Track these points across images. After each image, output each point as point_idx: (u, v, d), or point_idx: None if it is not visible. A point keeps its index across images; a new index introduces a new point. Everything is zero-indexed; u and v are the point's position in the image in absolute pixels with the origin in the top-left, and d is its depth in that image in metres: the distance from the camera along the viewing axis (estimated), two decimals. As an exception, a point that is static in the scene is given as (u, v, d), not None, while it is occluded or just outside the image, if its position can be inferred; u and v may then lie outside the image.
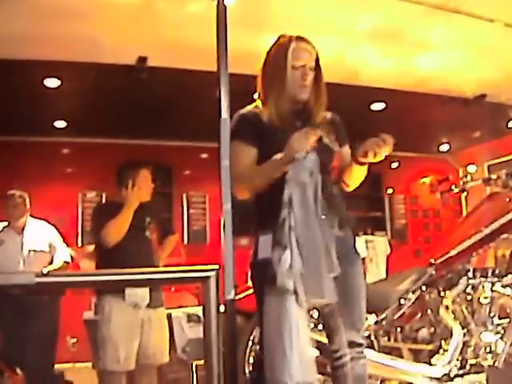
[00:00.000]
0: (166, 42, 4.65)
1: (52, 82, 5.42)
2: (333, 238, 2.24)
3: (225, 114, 1.94)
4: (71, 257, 4.96)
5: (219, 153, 2.03)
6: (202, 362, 4.38)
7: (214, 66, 2.45)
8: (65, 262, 4.85)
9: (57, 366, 4.90)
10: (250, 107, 2.58)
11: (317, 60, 2.54)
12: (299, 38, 2.52)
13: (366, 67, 5.42)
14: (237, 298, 2.51)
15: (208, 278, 1.70)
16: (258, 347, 3.40)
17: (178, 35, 4.52)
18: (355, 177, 2.58)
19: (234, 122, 2.50)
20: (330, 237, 2.22)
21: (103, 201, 7.07)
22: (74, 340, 6.01)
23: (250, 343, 3.45)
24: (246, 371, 3.45)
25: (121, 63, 5.00)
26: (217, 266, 1.73)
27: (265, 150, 2.43)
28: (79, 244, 7.02)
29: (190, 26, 4.30)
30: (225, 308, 1.97)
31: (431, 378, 3.24)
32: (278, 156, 2.25)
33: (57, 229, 5.01)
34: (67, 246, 5.04)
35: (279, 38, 2.56)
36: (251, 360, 3.44)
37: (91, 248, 4.14)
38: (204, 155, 7.97)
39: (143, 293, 3.60)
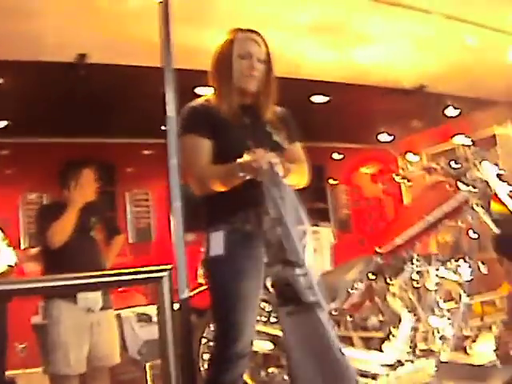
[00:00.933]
0: (105, 38, 4.56)
1: (-8, 81, 5.27)
2: None
3: (171, 112, 1.92)
4: (15, 260, 4.83)
5: (167, 151, 2.01)
6: (154, 361, 4.37)
7: (154, 61, 2.44)
8: (9, 265, 4.73)
9: (7, 373, 4.80)
10: (200, 100, 2.56)
11: (268, 54, 2.53)
12: (249, 30, 2.53)
13: (307, 60, 5.46)
14: (189, 295, 2.51)
15: (161, 278, 1.69)
16: (211, 344, 3.40)
17: (117, 31, 4.45)
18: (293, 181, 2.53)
19: (184, 115, 2.47)
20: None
21: (46, 202, 6.92)
22: (23, 345, 5.89)
23: (204, 340, 3.45)
24: (201, 368, 3.45)
25: (60, 60, 4.89)
26: (169, 266, 1.73)
27: (218, 143, 2.43)
28: (22, 247, 6.86)
29: (130, 21, 4.26)
30: (179, 307, 1.96)
31: (383, 365, 3.30)
32: (235, 165, 2.24)
33: (2, 231, 4.87)
34: (11, 248, 4.92)
35: (228, 32, 2.55)
36: (205, 357, 3.45)
37: (35, 250, 4.06)
38: (146, 152, 7.90)
39: (95, 296, 3.57)
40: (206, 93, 2.65)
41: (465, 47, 5.11)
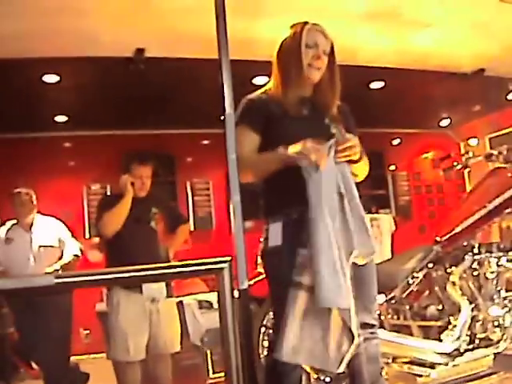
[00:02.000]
0: (162, 32, 4.66)
1: (51, 78, 5.43)
2: None
3: (229, 108, 1.96)
4: (80, 250, 5.00)
5: (225, 146, 2.06)
6: (216, 348, 4.45)
7: (211, 53, 2.46)
8: (75, 255, 4.90)
9: (71, 359, 4.98)
10: (258, 92, 2.60)
11: (332, 47, 2.55)
12: (315, 23, 2.54)
13: (364, 47, 5.42)
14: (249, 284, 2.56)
15: (221, 269, 1.74)
16: (270, 331, 3.45)
17: (174, 25, 4.53)
18: (359, 169, 2.56)
19: (241, 106, 2.52)
20: None
21: (108, 193, 7.10)
22: (87, 332, 6.09)
23: (263, 328, 3.50)
24: (261, 355, 3.51)
25: (119, 56, 5.02)
26: (229, 258, 1.77)
27: (269, 135, 2.46)
28: (87, 236, 7.07)
29: (186, 15, 4.31)
30: (238, 295, 2.02)
31: (441, 354, 3.29)
32: (282, 151, 2.27)
33: (64, 223, 5.05)
34: (75, 239, 5.09)
35: (293, 25, 2.56)
36: (265, 344, 3.50)
37: (98, 240, 4.19)
38: (205, 141, 7.99)
39: (159, 286, 3.68)
40: (263, 83, 2.68)
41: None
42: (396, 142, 9.21)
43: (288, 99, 2.50)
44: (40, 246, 4.75)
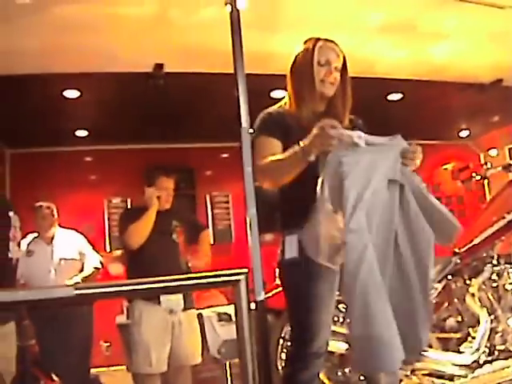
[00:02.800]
0: (180, 47, 4.72)
1: (71, 93, 5.53)
2: None
3: (245, 123, 1.99)
4: (101, 263, 5.05)
5: (241, 159, 2.09)
6: (235, 360, 4.45)
7: (228, 67, 2.50)
8: (95, 268, 4.95)
9: (92, 371, 5.01)
10: (275, 107, 2.64)
11: (344, 63, 2.59)
12: (326, 39, 2.58)
13: (382, 59, 5.45)
14: (266, 296, 2.58)
15: (238, 281, 1.76)
16: (288, 343, 3.46)
17: (192, 40, 4.59)
18: None
19: (260, 119, 2.55)
20: None
21: (129, 206, 7.17)
22: (108, 344, 6.13)
23: (281, 340, 3.51)
24: (279, 367, 3.52)
25: (138, 71, 5.09)
26: (246, 270, 1.79)
27: (285, 149, 2.48)
28: (107, 249, 7.13)
29: (204, 30, 4.36)
30: (255, 307, 2.03)
31: (461, 366, 3.27)
32: (297, 148, 2.26)
33: (85, 236, 5.10)
34: (96, 252, 5.14)
35: (306, 41, 2.61)
36: (283, 356, 3.51)
37: (119, 253, 4.24)
38: (224, 155, 8.03)
39: (177, 298, 3.70)
40: (281, 96, 2.72)
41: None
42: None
43: (302, 114, 2.53)
44: (61, 259, 4.80)
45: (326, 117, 2.54)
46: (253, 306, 2.02)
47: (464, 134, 8.77)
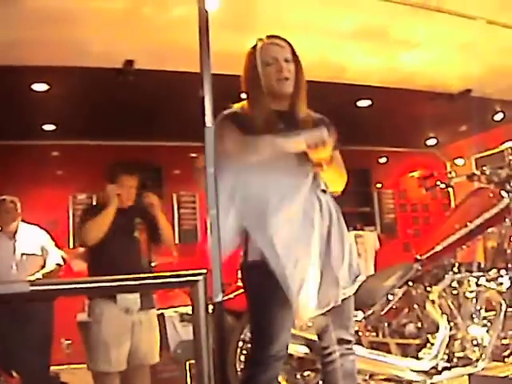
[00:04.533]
0: (152, 45, 4.70)
1: (40, 87, 5.46)
2: None
3: (209, 122, 1.98)
4: (63, 259, 4.99)
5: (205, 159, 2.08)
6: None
7: (198, 67, 2.50)
8: (57, 264, 4.89)
9: (52, 368, 4.95)
10: (234, 107, 2.60)
11: (293, 53, 2.54)
12: (269, 37, 2.55)
13: (352, 65, 5.48)
14: (227, 297, 2.57)
15: (196, 281, 1.75)
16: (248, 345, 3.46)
17: (163, 38, 4.57)
18: (329, 179, 2.55)
19: (217, 121, 2.45)
20: None
21: (93, 203, 7.09)
22: (69, 342, 6.06)
23: (241, 343, 3.50)
24: (238, 369, 3.51)
25: (108, 66, 5.05)
26: (204, 271, 1.78)
27: None
28: (71, 246, 7.05)
29: (175, 29, 4.35)
30: (213, 309, 2.02)
31: (419, 372, 3.30)
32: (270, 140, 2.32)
33: (48, 232, 5.04)
34: (59, 248, 5.08)
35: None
36: (242, 358, 3.50)
37: (82, 249, 4.19)
38: (193, 154, 7.99)
39: (134, 297, 3.67)
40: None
41: (508, 51, 5.07)
42: (383, 160, 9.27)
43: (257, 116, 2.49)
44: (23, 254, 4.74)
45: (284, 116, 2.53)
46: (211, 307, 2.01)
47: (431, 142, 8.87)
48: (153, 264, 4.01)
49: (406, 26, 4.77)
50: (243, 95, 2.60)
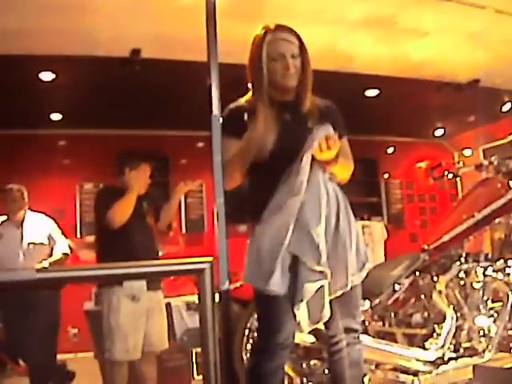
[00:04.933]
0: (158, 33, 4.68)
1: (47, 76, 5.46)
2: None
3: (215, 110, 1.98)
4: (70, 248, 5.00)
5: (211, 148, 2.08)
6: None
7: (206, 56, 2.48)
8: (64, 253, 4.90)
9: (59, 357, 4.97)
10: (241, 100, 2.57)
11: (301, 46, 2.49)
12: (277, 29, 2.48)
13: (360, 54, 5.45)
14: (234, 286, 2.57)
15: (202, 270, 1.75)
16: (254, 334, 3.46)
17: (170, 27, 4.56)
18: (336, 169, 2.50)
19: (223, 116, 2.46)
20: None
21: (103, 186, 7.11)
22: (75, 330, 6.08)
23: (247, 331, 3.50)
24: (244, 358, 3.51)
25: (115, 56, 5.04)
26: (210, 259, 1.78)
27: None
28: (78, 235, 7.07)
29: (183, 17, 4.34)
30: (219, 297, 2.03)
31: (425, 362, 3.29)
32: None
33: (55, 221, 5.05)
34: (66, 237, 5.09)
35: (261, 29, 2.52)
36: (248, 347, 3.50)
37: (90, 238, 4.19)
38: (200, 144, 7.99)
39: (140, 285, 3.68)
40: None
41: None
42: (390, 150, 9.25)
43: (261, 107, 2.46)
44: (30, 243, 4.75)
45: (290, 106, 2.53)
46: (218, 295, 2.01)
47: (439, 132, 8.84)
48: (159, 253, 4.01)
49: (414, 15, 4.73)
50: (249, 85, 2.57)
